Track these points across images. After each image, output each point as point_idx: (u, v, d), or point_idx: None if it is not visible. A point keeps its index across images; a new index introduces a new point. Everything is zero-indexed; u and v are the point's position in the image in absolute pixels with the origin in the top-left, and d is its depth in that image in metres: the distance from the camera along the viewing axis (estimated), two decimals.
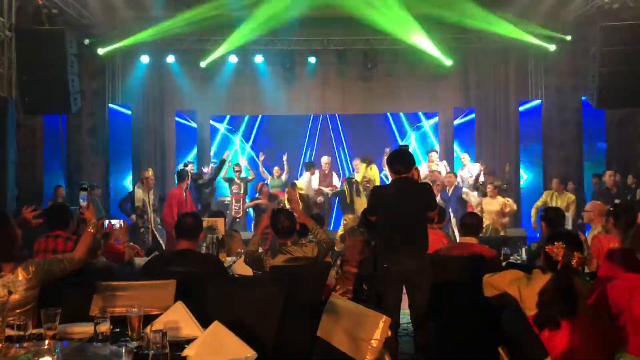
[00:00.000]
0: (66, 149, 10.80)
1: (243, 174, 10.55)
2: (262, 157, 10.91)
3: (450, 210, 8.80)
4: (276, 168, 10.77)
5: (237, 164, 10.70)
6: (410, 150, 4.48)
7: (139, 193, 9.10)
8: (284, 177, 10.69)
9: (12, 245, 2.95)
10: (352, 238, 5.16)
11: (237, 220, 10.22)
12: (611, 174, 9.29)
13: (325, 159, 10.96)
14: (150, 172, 9.38)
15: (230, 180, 10.46)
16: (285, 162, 10.78)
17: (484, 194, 8.89)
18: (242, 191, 10.39)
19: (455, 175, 9.56)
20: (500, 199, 8.57)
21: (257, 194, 10.18)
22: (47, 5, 9.01)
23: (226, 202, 10.56)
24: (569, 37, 10.86)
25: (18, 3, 8.67)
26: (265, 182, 10.43)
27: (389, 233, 4.22)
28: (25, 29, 8.75)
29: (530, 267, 3.49)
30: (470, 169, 10.29)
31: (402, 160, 4.29)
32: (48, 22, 9.01)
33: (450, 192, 9.08)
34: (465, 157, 10.56)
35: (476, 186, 9.51)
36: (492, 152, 11.74)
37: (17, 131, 8.58)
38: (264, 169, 10.89)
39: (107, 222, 4.68)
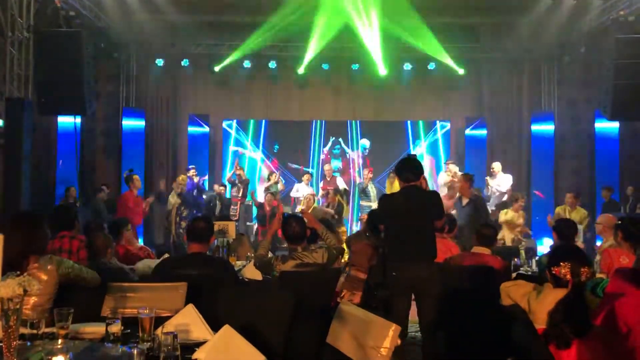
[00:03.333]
0: (80, 150, 10.90)
1: (280, 186, 10.69)
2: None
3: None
4: (274, 174, 10.81)
5: (240, 167, 10.76)
6: (418, 158, 4.49)
7: (171, 196, 9.41)
8: (280, 185, 10.76)
9: (44, 243, 3.18)
10: (358, 242, 5.17)
11: (237, 223, 10.24)
12: None
13: (327, 167, 10.99)
14: (179, 178, 9.69)
15: (232, 183, 10.54)
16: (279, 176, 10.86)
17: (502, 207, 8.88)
18: (240, 194, 10.46)
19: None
20: (521, 212, 8.57)
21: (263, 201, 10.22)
22: (65, 7, 9.12)
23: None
24: (583, 49, 10.82)
25: (37, 5, 8.79)
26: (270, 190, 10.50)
27: (397, 241, 4.23)
28: (43, 30, 8.86)
29: (541, 278, 3.48)
30: (500, 179, 10.08)
31: (410, 169, 4.31)
32: (66, 24, 9.12)
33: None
34: (496, 167, 10.22)
35: (504, 202, 9.41)
36: (503, 162, 11.67)
37: (32, 131, 8.68)
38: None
39: None
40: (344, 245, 5.51)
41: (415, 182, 4.26)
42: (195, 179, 10.31)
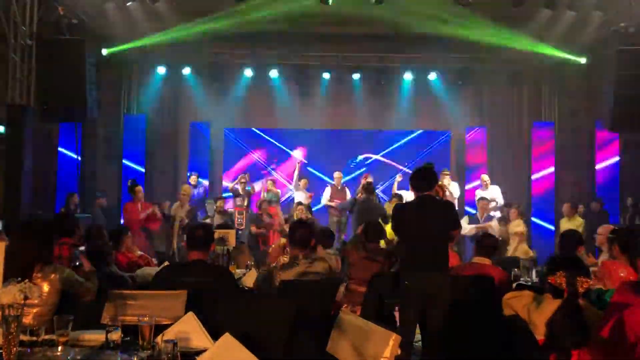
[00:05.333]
0: (81, 156, 10.91)
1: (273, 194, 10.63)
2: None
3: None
4: (270, 181, 10.79)
5: (243, 176, 10.75)
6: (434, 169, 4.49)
7: (175, 206, 9.44)
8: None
9: (51, 252, 3.25)
10: (355, 253, 5.13)
11: (240, 232, 10.18)
12: None
13: (337, 174, 10.98)
14: (183, 189, 9.65)
15: (234, 193, 10.53)
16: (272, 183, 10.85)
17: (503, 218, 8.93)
18: (245, 203, 10.43)
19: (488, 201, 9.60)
20: (520, 222, 8.57)
21: (258, 210, 10.14)
22: (68, 15, 9.16)
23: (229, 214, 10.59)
24: (584, 60, 10.85)
25: (40, 13, 8.83)
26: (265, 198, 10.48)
27: (410, 250, 4.24)
28: (46, 38, 8.90)
29: (542, 289, 3.48)
30: (492, 192, 10.13)
31: (424, 178, 4.33)
32: (68, 32, 9.16)
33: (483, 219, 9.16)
34: (486, 179, 10.34)
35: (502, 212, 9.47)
36: (504, 173, 11.68)
37: (33, 138, 8.69)
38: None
39: None
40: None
41: (429, 192, 4.27)
42: (200, 188, 10.33)
